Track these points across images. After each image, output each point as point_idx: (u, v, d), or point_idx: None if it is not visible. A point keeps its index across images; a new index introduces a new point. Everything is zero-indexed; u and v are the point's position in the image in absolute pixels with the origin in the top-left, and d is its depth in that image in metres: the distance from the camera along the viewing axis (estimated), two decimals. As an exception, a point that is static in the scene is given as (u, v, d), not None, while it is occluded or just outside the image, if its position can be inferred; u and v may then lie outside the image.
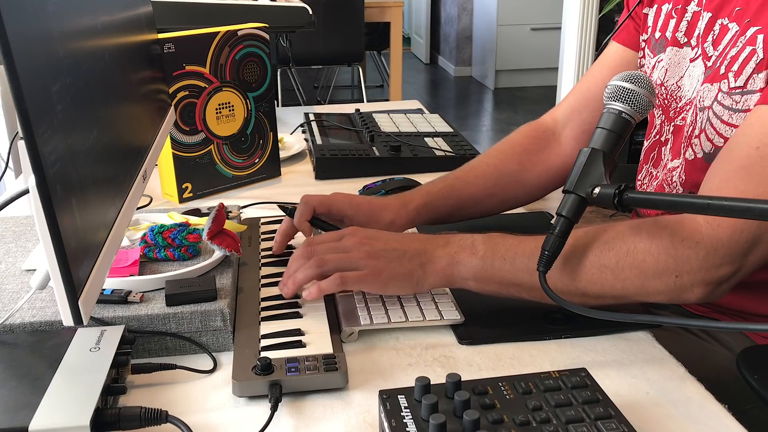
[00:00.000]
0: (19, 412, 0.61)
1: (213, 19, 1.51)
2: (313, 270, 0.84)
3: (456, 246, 0.85)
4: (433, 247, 0.85)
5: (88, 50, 0.71)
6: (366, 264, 0.83)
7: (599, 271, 0.79)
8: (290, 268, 0.87)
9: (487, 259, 0.83)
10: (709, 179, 0.82)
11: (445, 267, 0.84)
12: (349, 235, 0.87)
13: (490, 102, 5.81)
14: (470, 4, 6.41)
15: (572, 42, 3.93)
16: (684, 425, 0.69)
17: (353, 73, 5.78)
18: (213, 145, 1.26)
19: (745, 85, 0.84)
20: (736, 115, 0.85)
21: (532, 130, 1.17)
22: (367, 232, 0.88)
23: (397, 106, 1.97)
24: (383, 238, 0.86)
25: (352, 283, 0.83)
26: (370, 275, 0.83)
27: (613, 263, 0.79)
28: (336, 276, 0.83)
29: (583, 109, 1.13)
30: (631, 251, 0.78)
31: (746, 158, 0.78)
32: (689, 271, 0.76)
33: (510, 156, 1.13)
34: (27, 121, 0.51)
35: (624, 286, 0.79)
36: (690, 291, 0.78)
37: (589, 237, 0.81)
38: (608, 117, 0.80)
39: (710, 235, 0.76)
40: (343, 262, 0.84)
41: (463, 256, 0.84)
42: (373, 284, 0.84)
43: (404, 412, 0.62)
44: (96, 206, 0.68)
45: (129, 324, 0.78)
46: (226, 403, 0.73)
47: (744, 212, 0.62)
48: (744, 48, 0.84)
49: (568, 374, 0.67)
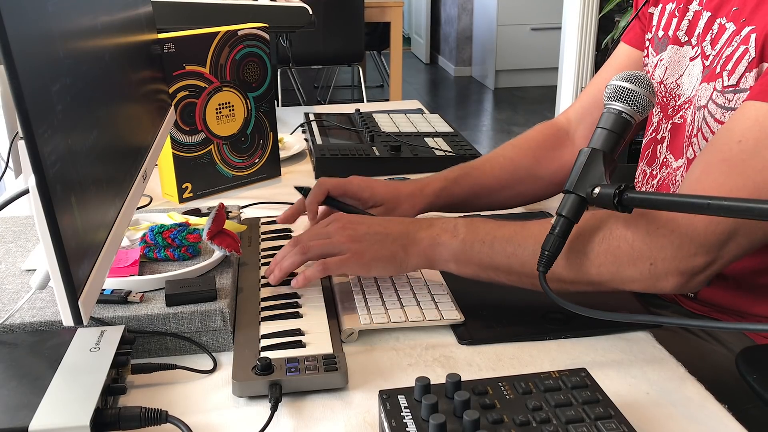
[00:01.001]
0: (19, 412, 0.61)
1: (213, 19, 1.51)
2: (298, 257, 0.87)
3: (438, 228, 0.86)
4: (416, 229, 0.87)
5: (88, 50, 0.71)
6: (348, 247, 0.85)
7: (575, 255, 0.80)
8: (278, 255, 0.90)
9: (467, 242, 0.84)
10: (692, 170, 0.82)
11: (427, 248, 0.85)
12: (334, 221, 0.89)
13: (490, 102, 5.81)
14: (470, 4, 6.40)
15: (572, 42, 3.93)
16: (684, 425, 0.69)
17: (353, 73, 5.78)
18: (213, 145, 1.26)
19: (737, 84, 0.84)
20: (729, 114, 0.85)
21: (547, 127, 1.18)
22: (351, 217, 0.90)
23: (397, 106, 1.97)
24: (366, 222, 0.88)
25: (335, 268, 0.85)
26: (353, 258, 0.84)
27: (587, 248, 0.79)
28: (319, 263, 0.85)
29: (594, 109, 1.13)
30: (606, 237, 0.79)
31: (728, 151, 0.78)
32: (663, 259, 0.77)
33: (526, 151, 1.15)
34: (27, 121, 0.51)
35: (599, 272, 0.79)
36: (665, 279, 0.78)
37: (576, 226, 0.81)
38: (608, 117, 0.80)
39: (686, 224, 0.76)
40: (327, 248, 0.86)
41: (445, 238, 0.85)
42: (356, 267, 0.85)
43: (404, 412, 0.62)
44: (96, 206, 0.68)
45: (129, 324, 0.78)
46: (226, 403, 0.73)
47: (744, 212, 0.62)
48: (738, 47, 0.85)
49: (568, 374, 0.67)
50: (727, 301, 0.97)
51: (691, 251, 0.76)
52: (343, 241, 0.85)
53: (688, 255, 0.76)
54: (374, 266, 0.85)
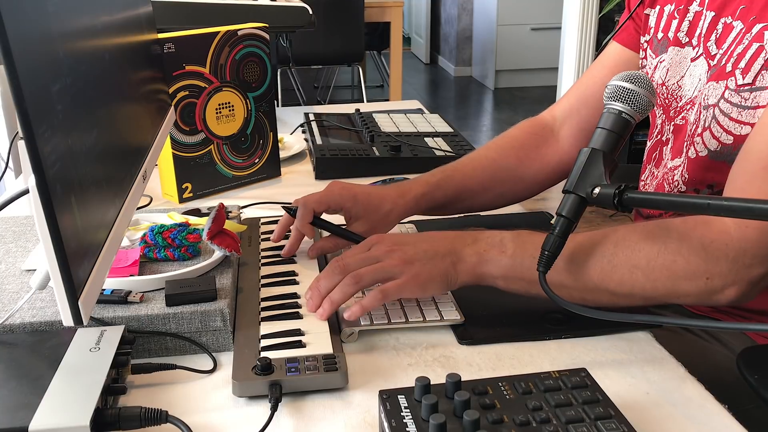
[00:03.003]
0: (19, 412, 0.61)
1: (213, 19, 1.51)
2: (351, 288, 0.81)
3: (484, 244, 0.84)
4: (462, 246, 0.84)
5: (89, 50, 0.71)
6: (402, 270, 0.81)
7: (630, 271, 0.79)
8: (321, 285, 0.83)
9: (516, 258, 0.82)
10: (732, 181, 0.81)
11: (475, 265, 0.83)
12: (378, 243, 0.85)
13: (490, 102, 5.81)
14: (470, 4, 6.40)
15: (572, 42, 3.94)
16: (684, 425, 0.69)
17: (353, 73, 5.77)
18: (213, 145, 1.26)
19: (753, 82, 0.84)
20: (746, 112, 0.85)
21: (530, 126, 1.17)
22: (393, 237, 0.87)
23: (397, 106, 1.97)
24: (411, 242, 0.85)
25: (394, 293, 0.81)
26: (410, 281, 0.81)
27: (644, 264, 0.78)
28: (377, 291, 0.80)
29: (581, 107, 1.13)
30: (661, 252, 0.78)
31: (766, 158, 0.77)
32: (720, 274, 0.76)
33: (508, 151, 1.13)
34: (27, 121, 0.51)
35: (654, 287, 0.78)
36: (721, 293, 0.77)
37: (618, 237, 0.81)
38: (608, 117, 0.80)
39: (739, 236, 0.75)
40: (380, 273, 0.81)
41: (492, 254, 0.83)
42: (414, 290, 0.82)
43: (404, 412, 0.62)
44: (96, 206, 0.68)
45: (129, 324, 0.78)
46: (226, 403, 0.73)
47: (744, 212, 0.62)
48: (750, 45, 0.84)
49: (568, 374, 0.67)
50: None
51: (746, 262, 0.75)
52: (396, 264, 0.81)
53: (743, 267, 0.75)
54: (430, 287, 0.82)
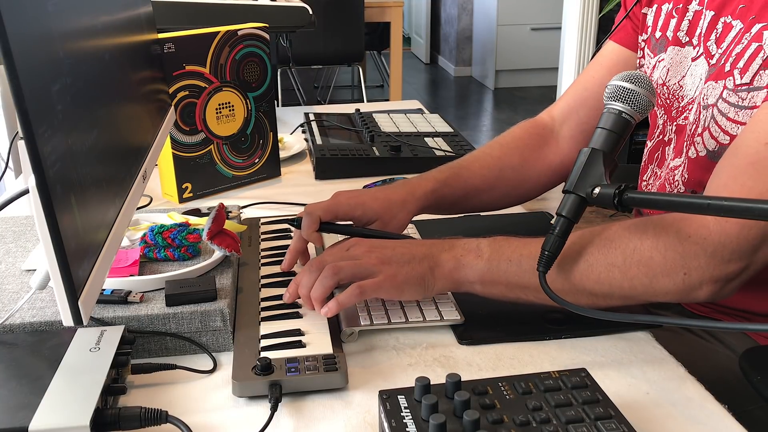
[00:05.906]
0: (19, 412, 0.61)
1: (213, 19, 1.51)
2: (329, 279, 0.82)
3: (461, 249, 0.84)
4: (438, 251, 0.84)
5: (88, 50, 0.71)
6: (380, 269, 0.82)
7: (606, 269, 0.78)
8: (301, 281, 0.84)
9: (492, 261, 0.82)
10: (716, 176, 0.81)
11: (452, 270, 0.83)
12: (356, 245, 0.86)
13: (490, 102, 5.81)
14: (470, 4, 6.40)
15: (572, 42, 3.94)
16: (684, 425, 0.69)
17: (353, 73, 5.78)
18: (213, 145, 1.26)
19: (751, 82, 0.84)
20: (743, 112, 0.85)
21: (531, 126, 1.16)
22: (372, 241, 0.87)
23: (397, 106, 1.97)
24: (390, 245, 0.85)
25: (371, 291, 0.81)
26: (387, 280, 0.81)
27: (620, 261, 0.78)
28: (354, 287, 0.81)
29: (580, 108, 1.13)
30: (638, 248, 0.77)
31: (754, 154, 0.77)
32: (697, 268, 0.75)
33: (513, 150, 1.13)
34: (27, 121, 0.51)
35: (632, 285, 0.78)
36: (699, 289, 0.76)
37: (594, 235, 0.81)
38: (608, 117, 0.80)
39: (718, 231, 0.74)
40: (358, 269, 0.82)
41: (469, 259, 0.83)
42: (390, 290, 0.82)
43: (404, 412, 0.62)
44: (96, 206, 0.68)
45: (129, 324, 0.78)
46: (226, 403, 0.73)
47: (744, 212, 0.62)
48: (749, 45, 0.84)
49: (568, 374, 0.67)
50: (729, 300, 0.96)
51: (725, 258, 0.75)
52: (374, 263, 0.82)
53: (722, 262, 0.75)
54: (406, 289, 0.82)
